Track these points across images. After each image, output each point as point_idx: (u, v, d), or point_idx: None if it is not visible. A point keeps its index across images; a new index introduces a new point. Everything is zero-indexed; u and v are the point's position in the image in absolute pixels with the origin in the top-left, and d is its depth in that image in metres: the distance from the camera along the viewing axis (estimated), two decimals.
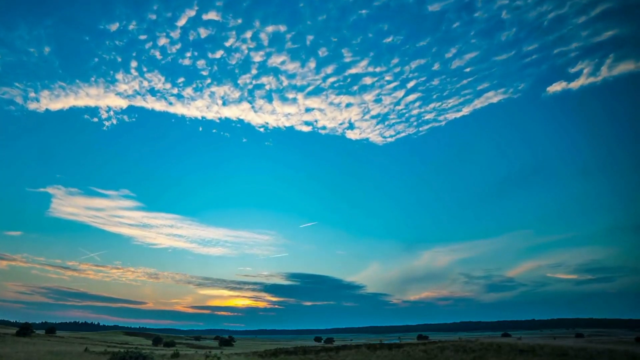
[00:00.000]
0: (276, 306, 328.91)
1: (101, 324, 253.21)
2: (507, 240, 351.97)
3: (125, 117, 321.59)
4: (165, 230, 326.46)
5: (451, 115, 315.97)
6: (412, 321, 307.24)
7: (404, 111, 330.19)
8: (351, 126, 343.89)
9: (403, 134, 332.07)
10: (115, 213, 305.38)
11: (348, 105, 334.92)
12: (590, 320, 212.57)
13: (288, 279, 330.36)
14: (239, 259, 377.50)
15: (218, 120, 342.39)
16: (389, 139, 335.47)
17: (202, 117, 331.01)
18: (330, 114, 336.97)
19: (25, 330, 50.46)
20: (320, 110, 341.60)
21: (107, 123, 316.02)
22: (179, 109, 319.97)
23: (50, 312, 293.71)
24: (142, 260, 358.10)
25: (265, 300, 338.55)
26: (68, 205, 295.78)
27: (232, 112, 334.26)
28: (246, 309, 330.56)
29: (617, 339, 57.43)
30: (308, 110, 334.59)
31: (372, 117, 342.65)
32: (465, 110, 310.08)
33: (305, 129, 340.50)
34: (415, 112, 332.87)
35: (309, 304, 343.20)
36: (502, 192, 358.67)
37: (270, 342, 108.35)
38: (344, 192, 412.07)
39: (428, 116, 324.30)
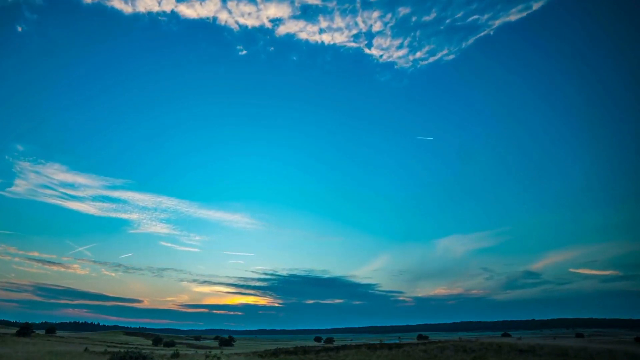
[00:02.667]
0: (276, 304, 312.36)
1: (100, 323, 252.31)
2: (542, 223, 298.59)
3: (46, 19, 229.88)
4: (149, 215, 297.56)
5: (515, 15, 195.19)
6: (417, 321, 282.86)
7: (445, 16, 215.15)
8: (370, 39, 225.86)
9: (439, 54, 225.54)
10: (92, 193, 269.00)
11: (366, 4, 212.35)
12: (591, 320, 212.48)
13: (287, 276, 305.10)
14: (230, 251, 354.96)
15: (176, 27, 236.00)
16: (422, 63, 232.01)
17: (149, 14, 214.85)
18: (339, 20, 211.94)
19: (25, 330, 50.48)
20: (326, 13, 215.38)
21: (20, 28, 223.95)
22: (116, 2, 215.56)
23: (43, 311, 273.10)
24: (131, 252, 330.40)
25: (265, 298, 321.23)
26: (35, 178, 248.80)
27: (194, 10, 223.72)
28: (244, 307, 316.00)
29: (617, 339, 57.40)
30: (306, 11, 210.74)
31: (399, 22, 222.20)
32: (537, 5, 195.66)
33: (304, 37, 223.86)
34: (460, 14, 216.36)
35: (310, 302, 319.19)
36: (556, 156, 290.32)
37: (270, 342, 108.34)
38: (350, 159, 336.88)
39: (482, 18, 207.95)
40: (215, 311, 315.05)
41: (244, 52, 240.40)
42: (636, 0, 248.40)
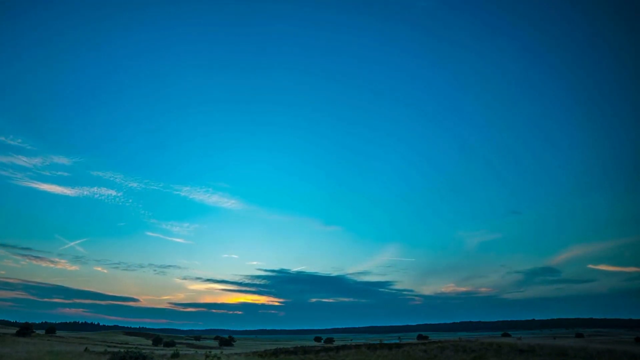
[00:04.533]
0: (276, 303, 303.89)
1: (100, 323, 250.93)
2: (562, 215, 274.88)
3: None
4: (136, 201, 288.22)
5: None
6: (421, 320, 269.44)
7: None
8: None
9: None
10: (67, 174, 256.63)
11: None
12: (590, 320, 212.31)
13: (288, 274, 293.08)
14: (224, 245, 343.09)
15: None
16: None
17: None
18: None
19: (25, 330, 50.50)
20: None
21: None
22: None
23: (38, 311, 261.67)
24: (122, 245, 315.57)
25: (265, 297, 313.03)
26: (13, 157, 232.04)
27: None
28: (243, 306, 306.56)
29: (617, 339, 57.41)
30: None
31: None
32: None
33: None
34: None
35: (313, 300, 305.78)
36: (577, 143, 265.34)
37: (270, 342, 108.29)
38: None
39: None
40: (214, 310, 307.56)
41: None
42: None
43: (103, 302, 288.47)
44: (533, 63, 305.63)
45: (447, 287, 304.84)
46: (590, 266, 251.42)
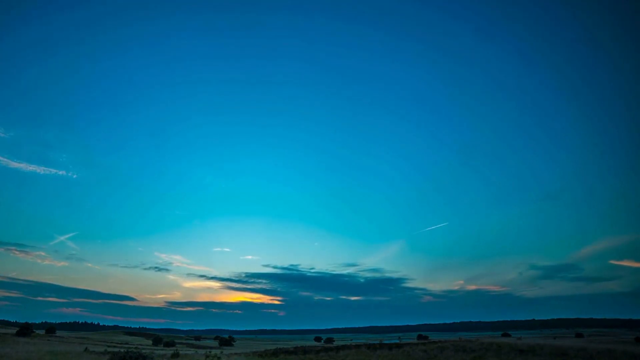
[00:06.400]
0: (276, 302, 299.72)
1: (101, 323, 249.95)
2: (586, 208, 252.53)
3: None
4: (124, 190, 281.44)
5: None
6: (425, 320, 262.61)
7: None
8: None
9: None
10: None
11: None
12: (590, 320, 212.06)
13: (288, 270, 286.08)
14: (212, 234, 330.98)
15: None
16: None
17: None
18: None
19: (25, 330, 50.49)
20: None
21: None
22: None
23: (36, 310, 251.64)
24: (115, 241, 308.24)
25: (265, 294, 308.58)
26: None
27: None
28: (243, 305, 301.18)
29: (617, 339, 57.44)
30: None
31: None
32: None
33: None
34: None
35: (317, 298, 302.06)
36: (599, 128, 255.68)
37: (270, 342, 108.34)
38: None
39: None
40: (213, 310, 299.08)
41: None
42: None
43: (98, 301, 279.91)
44: (536, 57, 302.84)
45: (456, 284, 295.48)
46: (613, 262, 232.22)
